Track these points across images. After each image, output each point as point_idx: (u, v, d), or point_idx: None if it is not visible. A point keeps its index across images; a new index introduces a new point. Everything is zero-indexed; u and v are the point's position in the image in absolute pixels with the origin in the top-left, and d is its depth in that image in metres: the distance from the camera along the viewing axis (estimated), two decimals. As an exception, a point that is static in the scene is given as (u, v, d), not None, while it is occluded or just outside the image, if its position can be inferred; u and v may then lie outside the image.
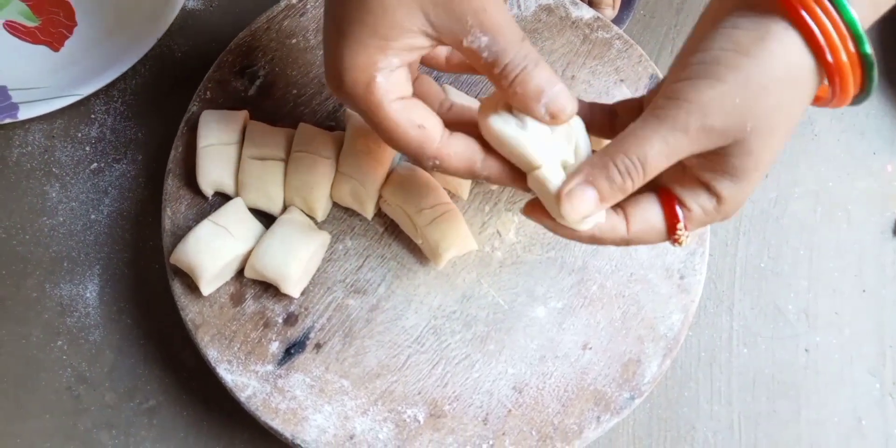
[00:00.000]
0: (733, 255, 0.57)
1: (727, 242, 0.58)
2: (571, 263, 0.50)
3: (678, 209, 0.34)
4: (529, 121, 0.35)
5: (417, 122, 0.35)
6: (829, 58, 0.30)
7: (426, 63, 0.41)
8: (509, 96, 0.34)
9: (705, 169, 0.33)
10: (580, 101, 0.37)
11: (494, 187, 0.51)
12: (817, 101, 0.34)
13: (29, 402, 0.52)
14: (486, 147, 0.36)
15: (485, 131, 0.36)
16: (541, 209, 0.36)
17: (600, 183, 0.33)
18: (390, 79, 0.34)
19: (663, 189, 0.35)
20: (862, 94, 0.32)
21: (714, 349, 0.55)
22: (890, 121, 0.61)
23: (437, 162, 0.35)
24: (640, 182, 0.33)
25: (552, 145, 0.35)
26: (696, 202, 0.34)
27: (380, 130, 0.35)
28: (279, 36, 0.52)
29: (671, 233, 0.35)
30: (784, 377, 0.55)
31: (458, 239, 0.47)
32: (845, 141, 0.61)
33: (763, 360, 0.55)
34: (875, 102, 0.62)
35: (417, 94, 0.37)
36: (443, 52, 0.40)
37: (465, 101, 0.48)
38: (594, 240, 0.35)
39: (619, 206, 0.35)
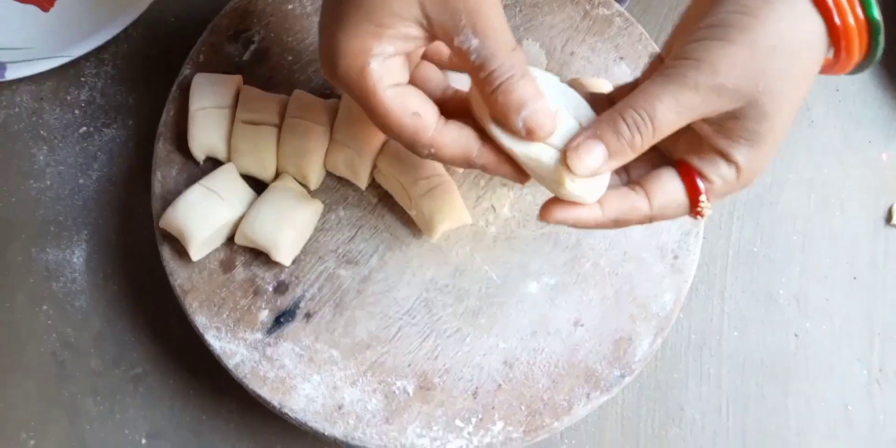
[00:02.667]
0: (727, 239, 0.57)
1: (721, 226, 0.58)
2: (565, 240, 0.49)
3: (699, 181, 0.34)
4: None
5: (412, 109, 0.34)
6: (837, 20, 0.31)
7: (428, 58, 0.40)
8: (489, 103, 0.34)
9: (721, 136, 0.33)
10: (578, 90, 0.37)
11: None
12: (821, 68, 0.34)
13: (13, 368, 0.51)
14: (484, 136, 0.36)
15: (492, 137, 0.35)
16: (552, 206, 0.35)
17: (608, 137, 0.33)
18: (385, 65, 0.33)
19: (682, 163, 0.35)
20: (865, 61, 0.33)
21: (705, 332, 0.55)
22: (886, 110, 0.61)
23: (433, 150, 0.35)
24: (649, 138, 0.33)
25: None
26: (716, 173, 0.34)
27: (374, 117, 0.34)
28: (275, 1, 0.51)
29: (694, 206, 0.35)
30: (773, 362, 0.55)
31: (452, 212, 0.46)
32: (841, 129, 0.61)
33: (753, 345, 0.55)
34: (872, 92, 0.62)
35: (417, 81, 0.37)
36: (445, 48, 0.40)
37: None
38: (618, 223, 0.35)
39: (639, 185, 0.35)
